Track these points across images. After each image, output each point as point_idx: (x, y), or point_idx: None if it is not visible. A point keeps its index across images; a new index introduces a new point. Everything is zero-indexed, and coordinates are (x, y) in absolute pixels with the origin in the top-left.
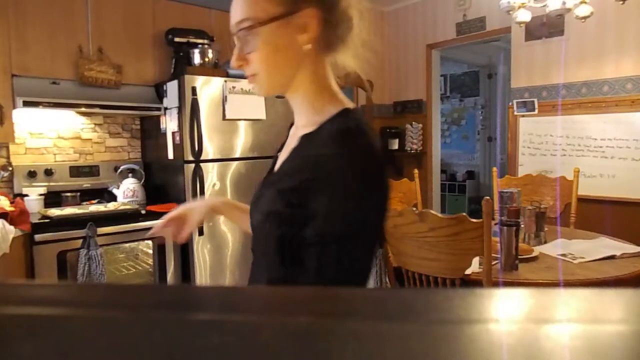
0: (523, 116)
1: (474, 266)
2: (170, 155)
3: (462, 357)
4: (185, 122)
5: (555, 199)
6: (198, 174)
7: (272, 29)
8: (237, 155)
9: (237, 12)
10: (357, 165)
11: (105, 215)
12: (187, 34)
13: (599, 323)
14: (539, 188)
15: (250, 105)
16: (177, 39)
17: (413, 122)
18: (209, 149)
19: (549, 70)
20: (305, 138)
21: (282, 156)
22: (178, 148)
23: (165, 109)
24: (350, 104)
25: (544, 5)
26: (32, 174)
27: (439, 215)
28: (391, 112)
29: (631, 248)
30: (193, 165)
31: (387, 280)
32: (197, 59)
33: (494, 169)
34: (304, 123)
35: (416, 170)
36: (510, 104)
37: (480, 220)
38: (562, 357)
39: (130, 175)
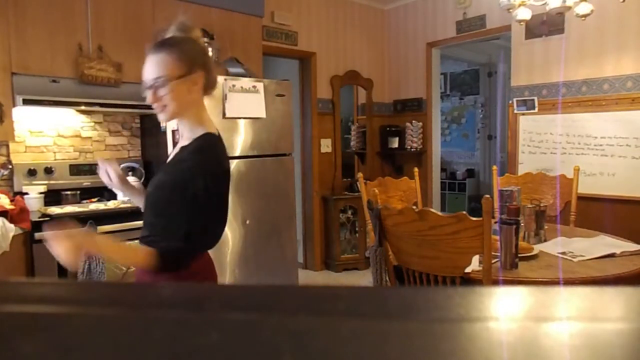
0: (523, 114)
1: (474, 264)
2: None
3: (463, 355)
4: None
5: (555, 197)
6: None
7: (177, 83)
8: (237, 154)
9: (153, 71)
10: (200, 168)
11: (105, 213)
12: None
13: (599, 321)
14: (539, 186)
15: (250, 104)
16: None
17: (413, 121)
18: None
19: (549, 69)
20: (182, 148)
21: (171, 156)
22: None
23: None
24: (213, 130)
25: (544, 4)
26: (32, 172)
27: (439, 213)
28: (391, 110)
29: (631, 246)
30: None
31: (387, 278)
32: None
33: (494, 167)
34: (185, 138)
35: (416, 169)
36: (510, 102)
37: (480, 218)
38: (561, 355)
39: (130, 173)
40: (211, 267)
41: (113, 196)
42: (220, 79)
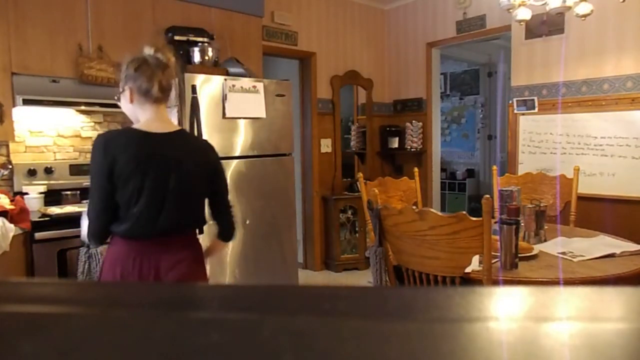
0: (523, 114)
1: (474, 264)
2: None
3: (463, 355)
4: (185, 120)
5: (555, 197)
6: None
7: (121, 98)
8: (237, 154)
9: None
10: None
11: None
12: (187, 32)
13: (599, 321)
14: (539, 186)
15: (250, 104)
16: (177, 37)
17: (413, 121)
18: None
19: (549, 69)
20: None
21: None
22: None
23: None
24: (143, 127)
25: (544, 4)
26: (32, 172)
27: (439, 213)
28: (391, 110)
29: (631, 246)
30: None
31: (387, 278)
32: (197, 57)
33: (494, 167)
34: None
35: (416, 169)
36: (510, 102)
37: (480, 218)
38: (561, 355)
39: None
40: (126, 257)
41: None
42: (220, 78)
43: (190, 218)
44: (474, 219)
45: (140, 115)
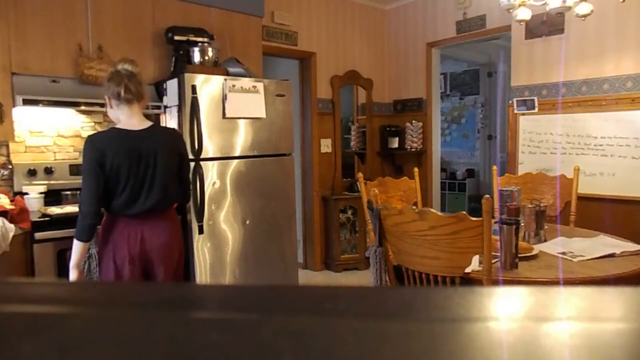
0: (523, 114)
1: (474, 264)
2: None
3: (463, 355)
4: (185, 120)
5: (555, 197)
6: (198, 173)
7: (106, 104)
8: (237, 154)
9: None
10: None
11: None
12: (187, 32)
13: (599, 321)
14: (539, 186)
15: (250, 104)
16: (177, 37)
17: (413, 121)
18: (209, 148)
19: (549, 69)
20: None
21: None
22: None
23: (165, 107)
24: (120, 126)
25: (544, 4)
26: (32, 172)
27: (439, 213)
28: (391, 110)
29: (631, 246)
30: (193, 163)
31: (387, 278)
32: (197, 57)
33: (494, 167)
34: None
35: (416, 169)
36: (510, 102)
37: (480, 218)
38: (561, 355)
39: None
40: (116, 228)
41: None
42: (220, 78)
43: (165, 198)
44: (474, 219)
45: (120, 115)
